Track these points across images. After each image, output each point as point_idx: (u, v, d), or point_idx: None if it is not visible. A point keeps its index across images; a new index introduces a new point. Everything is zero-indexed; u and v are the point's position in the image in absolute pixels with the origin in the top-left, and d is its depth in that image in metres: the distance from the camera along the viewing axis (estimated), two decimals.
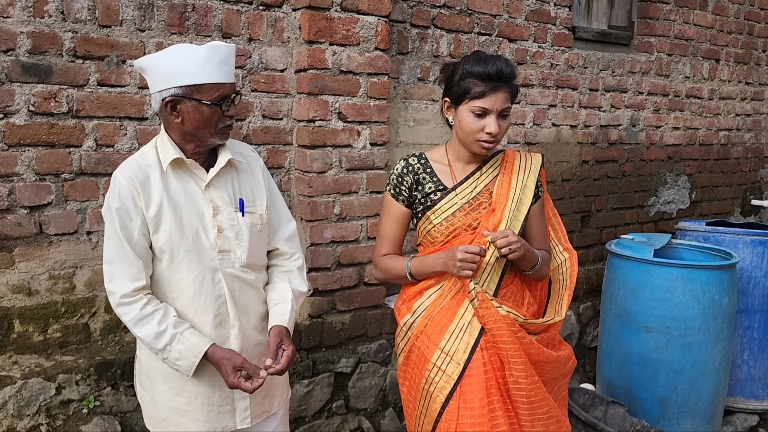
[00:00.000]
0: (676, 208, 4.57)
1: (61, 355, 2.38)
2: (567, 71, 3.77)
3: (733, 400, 3.58)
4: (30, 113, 2.25)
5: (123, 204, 1.71)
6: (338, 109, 2.78)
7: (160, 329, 1.70)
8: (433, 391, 1.92)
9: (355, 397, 2.97)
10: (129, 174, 1.73)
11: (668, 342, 3.14)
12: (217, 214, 1.79)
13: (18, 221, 2.27)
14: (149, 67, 1.73)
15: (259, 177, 1.93)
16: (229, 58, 1.75)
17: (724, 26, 4.57)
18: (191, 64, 1.68)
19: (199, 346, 1.72)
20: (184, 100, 1.69)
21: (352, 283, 2.94)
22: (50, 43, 2.25)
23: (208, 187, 1.79)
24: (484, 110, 1.88)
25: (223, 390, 1.83)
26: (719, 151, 4.79)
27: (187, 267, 1.77)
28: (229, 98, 1.75)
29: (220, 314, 1.81)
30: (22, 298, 2.31)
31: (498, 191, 1.98)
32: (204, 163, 1.81)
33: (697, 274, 3.11)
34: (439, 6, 3.16)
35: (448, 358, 1.92)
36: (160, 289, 1.79)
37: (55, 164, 2.31)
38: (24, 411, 2.22)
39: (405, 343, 2.05)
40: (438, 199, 1.99)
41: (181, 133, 1.75)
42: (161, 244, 1.75)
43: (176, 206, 1.76)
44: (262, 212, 1.89)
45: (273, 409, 1.98)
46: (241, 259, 1.82)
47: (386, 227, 2.09)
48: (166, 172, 1.76)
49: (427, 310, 1.99)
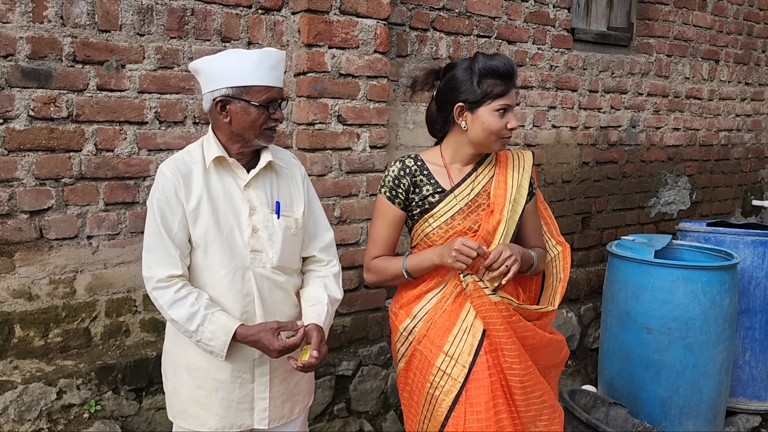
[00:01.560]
0: (676, 209, 4.56)
1: (62, 360, 2.38)
2: (566, 73, 3.77)
3: (735, 400, 3.58)
4: (30, 118, 2.25)
5: (165, 195, 1.77)
6: (338, 112, 2.78)
7: (193, 310, 1.74)
8: (439, 395, 1.91)
9: (357, 400, 2.97)
10: (173, 167, 1.80)
11: (669, 343, 3.13)
12: (253, 214, 1.84)
13: (18, 226, 2.27)
14: (203, 69, 1.80)
15: (299, 183, 1.97)
16: (279, 64, 1.82)
17: (723, 27, 4.57)
18: (242, 67, 1.75)
19: (230, 324, 1.76)
20: (233, 101, 1.77)
21: (353, 286, 2.94)
22: (50, 48, 2.25)
23: (247, 187, 1.85)
24: (507, 107, 1.91)
25: (244, 387, 1.86)
26: (719, 151, 4.78)
27: (219, 262, 1.81)
28: (277, 102, 1.81)
29: (247, 312, 1.84)
30: (23, 302, 2.31)
31: (495, 192, 1.98)
32: (246, 165, 1.87)
33: (698, 275, 3.10)
34: (438, 8, 3.16)
35: (453, 362, 1.91)
36: (193, 279, 1.83)
37: (55, 169, 2.31)
38: (25, 416, 2.22)
39: (406, 348, 2.02)
40: (437, 202, 1.97)
41: (228, 132, 1.82)
42: (196, 237, 1.80)
43: (214, 202, 1.81)
44: (298, 217, 1.92)
45: (293, 415, 1.99)
46: (272, 260, 1.85)
47: (380, 230, 2.04)
48: (208, 169, 1.82)
49: (428, 314, 1.98)
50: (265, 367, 1.87)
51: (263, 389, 1.88)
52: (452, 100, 1.94)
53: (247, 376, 1.86)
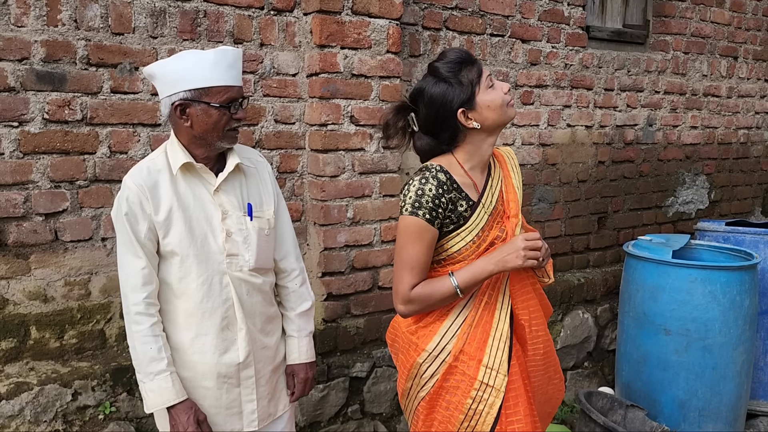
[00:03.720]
0: (694, 209, 4.50)
1: (77, 362, 2.40)
2: (581, 71, 3.73)
3: (755, 403, 3.51)
4: (44, 121, 2.26)
5: (131, 209, 1.75)
6: (350, 113, 2.77)
7: (160, 356, 1.75)
8: (483, 408, 1.82)
9: (371, 402, 2.96)
10: (138, 180, 1.76)
11: (688, 344, 3.08)
12: (226, 218, 1.82)
13: (34, 228, 2.29)
14: (158, 74, 1.76)
15: (267, 182, 1.96)
16: (236, 62, 1.77)
17: (741, 23, 4.50)
18: (199, 68, 1.71)
19: (179, 395, 1.77)
20: (193, 104, 1.72)
21: (366, 287, 2.93)
22: (64, 51, 2.26)
23: (217, 191, 1.82)
24: (489, 79, 1.83)
25: (231, 393, 1.86)
26: (738, 150, 4.71)
27: (196, 270, 1.79)
28: (237, 101, 1.78)
29: (227, 317, 1.84)
30: (39, 304, 2.33)
31: (508, 197, 1.92)
32: (213, 168, 1.84)
33: (717, 276, 3.05)
34: (451, 8, 3.14)
35: (494, 372, 1.83)
36: (169, 292, 1.81)
37: (69, 171, 2.33)
38: (41, 417, 2.24)
39: (437, 367, 1.86)
40: (469, 216, 1.84)
41: (190, 137, 1.78)
42: (172, 247, 1.78)
43: (186, 210, 1.78)
44: (269, 216, 1.92)
45: (279, 411, 2.01)
46: (249, 263, 1.85)
47: (419, 256, 1.81)
48: (175, 177, 1.79)
49: (462, 328, 1.86)
50: (250, 369, 1.88)
51: (250, 392, 1.89)
52: (449, 113, 1.81)
53: (233, 381, 1.86)
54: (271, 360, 1.97)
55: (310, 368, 2.05)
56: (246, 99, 1.83)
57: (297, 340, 2.02)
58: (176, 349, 1.83)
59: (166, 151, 1.82)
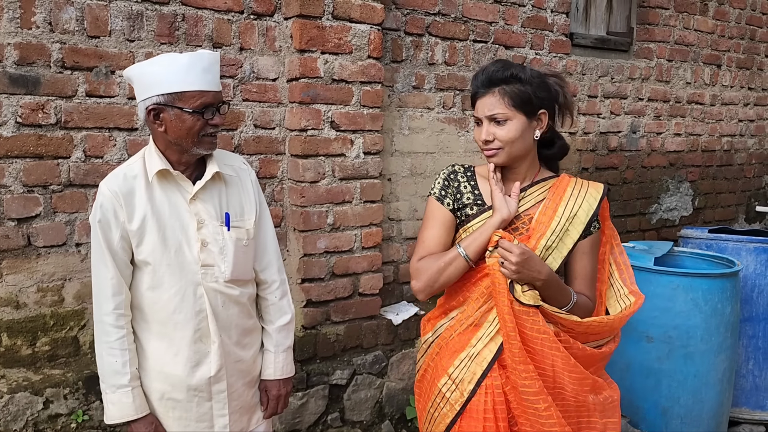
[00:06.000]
0: (678, 216, 4.51)
1: (50, 369, 2.35)
2: (565, 78, 3.72)
3: (738, 410, 3.51)
4: (17, 125, 2.23)
5: (104, 216, 1.71)
6: (331, 118, 2.75)
7: (124, 370, 1.73)
8: (437, 416, 1.83)
9: (351, 410, 2.93)
10: (113, 187, 1.72)
11: (670, 352, 3.07)
12: (202, 228, 1.77)
13: (6, 233, 2.25)
14: (135, 76, 1.73)
15: (250, 191, 1.90)
16: (212, 66, 1.73)
17: (725, 31, 4.53)
18: (173, 72, 1.67)
19: (139, 410, 1.75)
20: (166, 108, 1.68)
21: (347, 294, 2.90)
22: (38, 54, 2.23)
23: (194, 199, 1.77)
24: (476, 118, 1.79)
25: (202, 406, 1.82)
26: (722, 157, 4.73)
27: (168, 281, 1.74)
28: (213, 107, 1.72)
29: (201, 329, 1.79)
30: (10, 311, 2.29)
31: (539, 218, 1.78)
32: (192, 176, 1.79)
33: (699, 283, 3.05)
34: (434, 13, 3.13)
35: (453, 386, 1.80)
36: (141, 302, 1.77)
37: (43, 176, 2.29)
38: (11, 426, 2.19)
39: (423, 360, 1.95)
40: (474, 215, 1.83)
41: (165, 142, 1.74)
42: (144, 256, 1.73)
43: (160, 219, 1.74)
44: (249, 227, 1.86)
45: (252, 425, 1.96)
46: (225, 274, 1.80)
47: (429, 231, 1.84)
48: (151, 184, 1.74)
49: (446, 330, 1.88)
50: (222, 384, 1.83)
51: (221, 406, 1.84)
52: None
53: (204, 395, 1.82)
54: (245, 374, 1.91)
55: (284, 385, 1.99)
56: (225, 104, 1.77)
57: (273, 356, 1.96)
58: (148, 358, 1.79)
59: (144, 156, 1.78)
